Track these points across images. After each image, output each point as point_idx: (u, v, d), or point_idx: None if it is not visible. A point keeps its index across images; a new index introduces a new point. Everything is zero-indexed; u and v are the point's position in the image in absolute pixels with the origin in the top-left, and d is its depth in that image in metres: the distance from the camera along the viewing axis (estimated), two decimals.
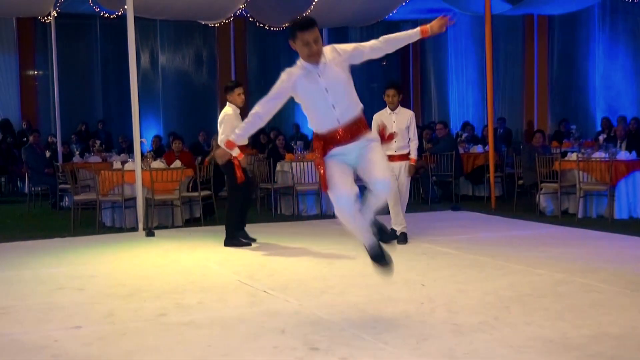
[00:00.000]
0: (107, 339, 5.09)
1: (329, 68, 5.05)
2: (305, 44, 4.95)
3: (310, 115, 5.21)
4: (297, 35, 4.97)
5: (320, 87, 5.02)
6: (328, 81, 5.03)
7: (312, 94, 5.07)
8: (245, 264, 7.85)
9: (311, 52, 4.96)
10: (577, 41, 18.28)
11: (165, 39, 20.44)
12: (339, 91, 5.08)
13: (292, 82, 5.08)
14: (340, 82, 5.10)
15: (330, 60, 5.07)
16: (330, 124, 5.08)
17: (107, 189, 10.84)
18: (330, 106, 5.05)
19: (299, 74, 5.07)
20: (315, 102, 5.09)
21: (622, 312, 5.47)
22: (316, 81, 5.02)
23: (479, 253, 8.11)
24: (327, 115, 5.08)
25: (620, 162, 10.66)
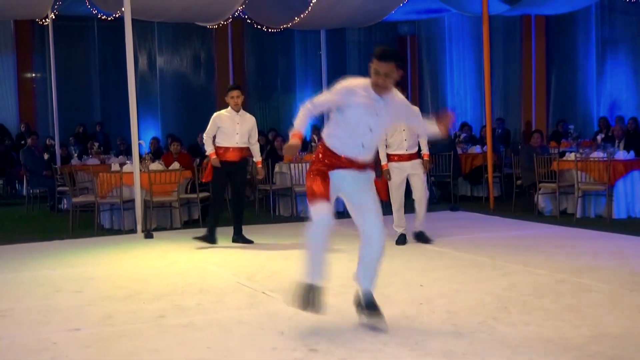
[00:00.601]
0: (106, 341, 5.08)
1: (389, 110, 5.07)
2: (375, 72, 4.96)
3: (338, 133, 5.12)
4: (374, 62, 4.97)
5: (368, 124, 5.02)
6: (377, 123, 5.05)
7: (357, 122, 5.02)
8: (244, 265, 7.85)
9: (377, 82, 4.96)
10: (575, 41, 18.28)
11: (163, 41, 20.43)
12: (376, 136, 5.15)
13: (353, 95, 5.01)
14: (383, 129, 5.23)
15: (393, 102, 5.09)
16: (349, 153, 5.08)
17: (106, 191, 10.84)
18: (361, 144, 5.06)
19: (361, 94, 5.01)
20: (353, 130, 5.04)
21: (621, 312, 5.48)
22: (371, 115, 5.01)
23: (477, 253, 8.11)
24: (353, 146, 5.07)
25: (618, 161, 10.67)
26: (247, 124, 9.23)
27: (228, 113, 9.16)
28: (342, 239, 9.51)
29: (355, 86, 5.05)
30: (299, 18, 15.05)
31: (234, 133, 9.12)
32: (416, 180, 8.70)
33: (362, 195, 5.13)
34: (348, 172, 5.10)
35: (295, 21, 15.31)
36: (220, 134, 9.14)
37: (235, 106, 9.14)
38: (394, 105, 5.10)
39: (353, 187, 5.13)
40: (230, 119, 9.13)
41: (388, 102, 5.05)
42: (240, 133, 9.15)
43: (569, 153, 11.71)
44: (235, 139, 9.13)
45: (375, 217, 5.10)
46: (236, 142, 9.14)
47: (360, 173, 5.14)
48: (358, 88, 5.04)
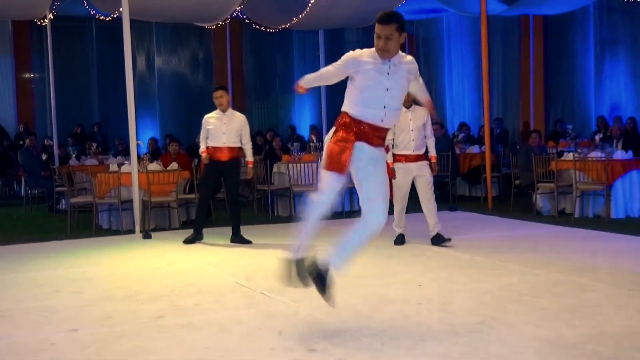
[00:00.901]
0: (105, 341, 5.09)
1: (401, 71, 5.08)
2: (377, 36, 4.98)
3: (357, 99, 5.07)
4: (375, 26, 5.01)
5: (383, 84, 5.02)
6: (393, 82, 5.04)
7: (372, 84, 5.02)
8: (242, 265, 7.85)
9: (379, 45, 4.97)
10: (573, 41, 18.30)
11: (161, 41, 20.44)
12: (397, 97, 5.12)
13: (359, 63, 5.04)
14: (402, 88, 5.15)
15: (403, 64, 5.11)
16: (373, 119, 5.04)
17: (104, 191, 10.84)
18: (382, 105, 5.04)
19: (368, 61, 5.04)
20: (371, 93, 5.03)
21: (619, 312, 5.48)
22: (384, 76, 5.02)
23: (475, 253, 8.12)
24: (375, 110, 5.04)
25: (616, 161, 10.68)
26: (235, 123, 9.28)
27: (216, 114, 9.31)
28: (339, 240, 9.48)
29: (360, 54, 5.09)
30: (297, 18, 15.06)
31: (220, 133, 9.21)
32: (422, 182, 8.58)
33: (374, 176, 5.08)
34: (368, 149, 5.04)
35: (294, 21, 15.32)
36: (210, 135, 9.26)
37: (220, 106, 9.26)
38: (402, 67, 5.09)
39: (367, 165, 5.07)
40: (217, 120, 9.26)
41: (396, 65, 5.05)
42: (227, 133, 9.21)
43: (567, 153, 11.72)
44: (222, 139, 9.21)
45: (382, 202, 5.05)
46: (223, 142, 9.21)
47: (377, 151, 5.10)
48: (363, 55, 5.07)
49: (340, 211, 12.03)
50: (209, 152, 9.27)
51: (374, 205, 5.03)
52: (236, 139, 9.30)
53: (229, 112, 9.32)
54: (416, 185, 8.68)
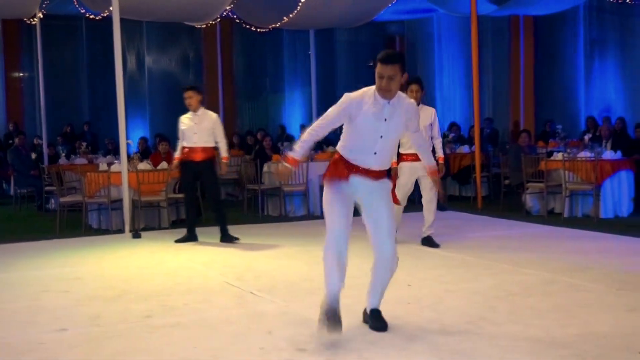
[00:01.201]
0: (94, 341, 5.07)
1: (398, 115, 4.98)
2: (379, 76, 4.89)
3: (350, 143, 5.04)
4: (377, 65, 4.91)
5: (379, 129, 4.94)
6: (388, 128, 4.97)
7: (366, 130, 4.95)
8: (231, 265, 7.84)
9: (381, 86, 4.88)
10: (563, 41, 18.35)
11: (151, 40, 20.37)
12: (388, 143, 5.06)
13: (360, 105, 4.93)
14: (396, 135, 5.10)
15: (402, 107, 5.01)
16: (362, 163, 5.01)
17: (94, 190, 10.81)
18: (373, 152, 4.99)
19: (368, 100, 4.94)
20: (363, 139, 4.98)
21: (609, 311, 5.50)
22: (379, 120, 4.93)
23: (465, 253, 8.13)
24: (365, 155, 4.99)
25: (605, 161, 10.72)
26: (205, 122, 9.25)
27: (189, 114, 9.34)
28: None
29: (361, 95, 4.99)
30: (288, 18, 15.04)
31: (192, 133, 9.22)
32: (426, 182, 8.48)
33: (378, 207, 5.03)
34: (365, 180, 5.02)
35: (284, 21, 15.31)
36: (184, 136, 9.30)
37: (190, 107, 9.28)
38: (401, 109, 5.00)
39: (369, 196, 5.04)
40: (189, 120, 9.30)
41: (395, 106, 4.96)
42: (198, 133, 9.19)
43: (557, 153, 11.76)
44: (193, 139, 9.21)
45: (388, 237, 5.03)
46: (194, 142, 9.21)
47: (376, 182, 5.06)
48: (364, 96, 4.98)
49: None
50: (184, 153, 9.29)
51: (379, 244, 5.03)
52: (209, 138, 9.27)
53: (200, 111, 9.28)
54: (420, 185, 8.64)
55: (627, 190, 10.86)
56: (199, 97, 9.34)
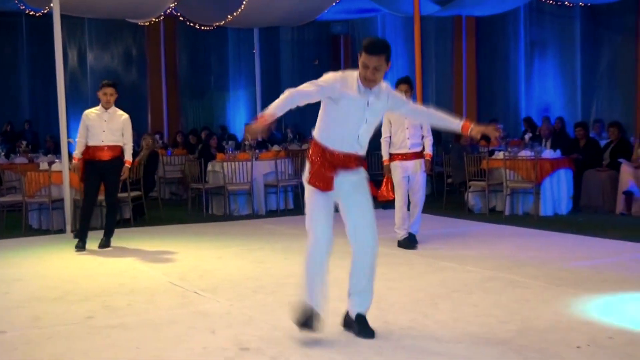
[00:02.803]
0: (33, 343, 4.99)
1: (379, 102, 4.91)
2: (364, 66, 4.78)
3: (331, 127, 4.91)
4: (362, 54, 4.80)
5: (362, 116, 4.86)
6: (371, 114, 4.89)
7: (351, 114, 4.85)
8: (175, 265, 7.79)
9: (366, 76, 4.78)
10: (504, 42, 18.61)
11: (93, 37, 20.07)
12: (371, 128, 4.98)
13: (344, 87, 4.82)
14: (377, 120, 5.02)
15: (383, 94, 4.92)
16: (344, 148, 4.89)
17: (34, 190, 10.62)
18: (357, 136, 4.89)
19: (352, 83, 4.84)
20: (348, 124, 4.87)
21: (547, 307, 5.61)
22: (363, 107, 4.85)
23: (409, 251, 8.22)
24: (348, 141, 4.89)
25: (545, 160, 10.91)
26: (116, 122, 8.85)
27: (97, 111, 8.86)
28: (273, 238, 9.55)
29: (346, 77, 4.88)
30: (232, 16, 14.99)
31: (100, 131, 8.76)
32: (415, 180, 8.56)
33: (357, 199, 4.93)
34: (347, 176, 4.90)
35: (229, 19, 15.25)
36: (89, 133, 8.79)
37: (107, 104, 8.80)
38: (384, 97, 4.94)
39: (351, 191, 4.93)
40: (98, 117, 8.81)
41: (378, 95, 4.89)
42: (107, 131, 8.76)
43: (498, 152, 11.93)
44: (101, 137, 8.75)
45: (370, 229, 4.91)
46: (102, 140, 8.75)
47: (356, 176, 4.95)
48: (347, 83, 4.86)
49: (274, 209, 12.03)
50: (88, 153, 8.77)
51: (361, 235, 4.90)
52: (117, 137, 8.84)
53: (111, 109, 8.87)
54: (409, 183, 8.62)
55: (566, 188, 11.07)
56: (116, 95, 8.93)
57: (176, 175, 14.84)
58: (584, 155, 11.83)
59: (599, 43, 16.38)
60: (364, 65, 4.78)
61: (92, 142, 8.78)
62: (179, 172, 14.70)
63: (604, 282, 6.44)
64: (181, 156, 15.18)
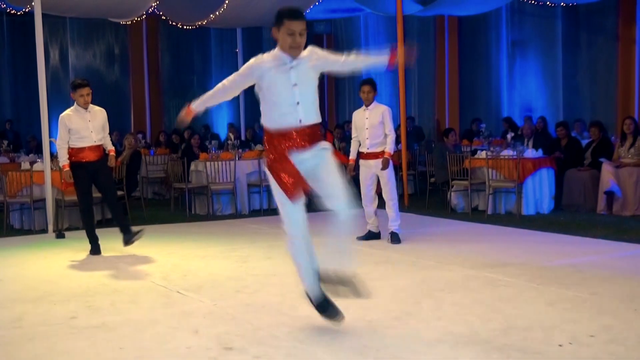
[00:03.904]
0: (15, 344, 4.96)
1: (303, 65, 4.88)
2: (290, 33, 4.76)
3: (271, 108, 4.90)
4: (284, 23, 4.78)
5: (290, 81, 4.83)
6: (299, 77, 4.85)
7: (278, 86, 4.83)
8: (158, 265, 7.77)
9: (294, 43, 4.77)
10: (486, 42, 18.70)
11: (75, 36, 19.96)
12: (307, 90, 4.90)
13: (261, 68, 4.85)
14: (311, 81, 4.94)
15: (305, 57, 4.90)
16: (290, 121, 4.84)
17: (15, 190, 10.55)
18: (295, 102, 4.83)
19: (271, 63, 4.85)
20: (280, 95, 4.84)
21: (529, 305, 5.64)
22: (287, 74, 4.83)
23: (392, 250, 8.24)
24: (289, 111, 4.84)
25: (527, 159, 10.97)
26: (98, 118, 8.66)
27: (76, 112, 8.62)
28: (256, 238, 9.55)
29: (261, 59, 4.90)
30: (214, 15, 14.96)
31: (88, 132, 8.55)
32: (381, 179, 8.73)
33: (322, 172, 4.89)
34: (305, 157, 4.85)
35: (211, 19, 15.21)
36: (73, 136, 8.54)
37: (85, 104, 8.57)
38: (306, 59, 4.91)
39: (314, 169, 4.88)
40: (80, 118, 8.57)
41: (300, 60, 4.87)
42: (94, 130, 8.59)
43: (481, 151, 11.98)
44: (92, 137, 8.55)
45: (341, 194, 4.83)
46: (94, 141, 8.57)
47: (315, 151, 4.89)
48: (265, 58, 4.89)
49: (258, 209, 12.02)
50: (75, 155, 8.53)
51: (335, 200, 4.83)
52: (102, 134, 8.70)
53: (89, 108, 8.65)
54: (381, 182, 8.81)
55: (548, 187, 11.13)
56: (91, 92, 8.71)
57: (159, 175, 14.80)
58: (566, 154, 11.90)
59: (580, 43, 16.48)
60: (289, 33, 4.78)
61: (81, 143, 8.53)
62: (162, 172, 14.66)
63: (585, 280, 6.48)
64: (164, 156, 15.13)
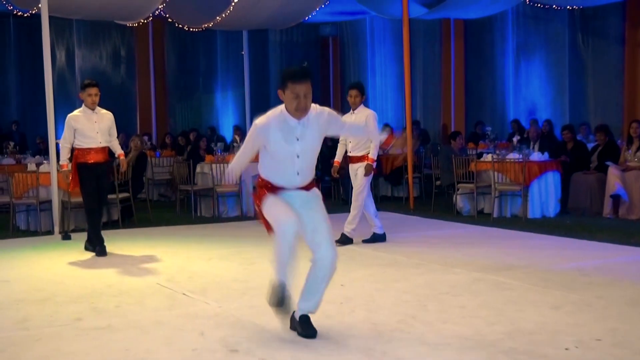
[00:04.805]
0: (21, 345, 4.97)
1: (310, 131, 4.84)
2: (295, 96, 4.72)
3: (270, 168, 4.96)
4: (288, 85, 4.73)
5: (294, 151, 4.82)
6: (303, 147, 4.84)
7: (282, 155, 4.85)
8: (164, 266, 7.77)
9: (299, 106, 4.73)
10: (492, 45, 18.68)
11: (81, 37, 20.00)
12: (308, 159, 4.92)
13: (268, 130, 4.81)
14: (314, 150, 4.94)
15: (313, 120, 4.86)
16: (287, 183, 4.93)
17: (22, 191, 10.57)
18: (295, 172, 4.88)
19: (277, 126, 4.80)
20: (281, 162, 4.88)
21: (534, 308, 5.64)
22: (292, 144, 4.81)
23: (397, 252, 8.23)
24: (288, 177, 4.91)
25: (533, 163, 10.96)
26: (105, 121, 8.70)
27: (83, 112, 8.63)
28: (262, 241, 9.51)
29: (267, 122, 4.83)
30: (220, 18, 14.97)
31: (94, 133, 8.57)
32: (355, 179, 8.75)
33: (313, 214, 4.92)
34: (295, 193, 4.93)
35: (217, 21, 15.23)
36: (79, 136, 8.55)
37: (93, 104, 8.59)
38: (315, 123, 4.88)
39: (303, 207, 4.92)
40: (87, 119, 8.58)
41: (307, 124, 4.84)
42: (100, 131, 8.62)
43: (486, 154, 11.96)
44: (98, 138, 8.57)
45: (329, 240, 4.88)
46: (99, 142, 8.59)
47: (306, 193, 4.98)
48: (272, 121, 4.83)
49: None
50: (83, 156, 8.54)
51: (318, 246, 4.86)
52: (108, 137, 8.73)
53: (96, 109, 8.68)
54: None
55: (553, 191, 11.12)
56: (100, 94, 8.72)
57: (165, 177, 14.82)
58: (572, 158, 11.88)
59: (586, 46, 16.46)
60: (294, 96, 4.73)
61: (86, 144, 8.55)
62: (168, 174, 14.67)
63: (591, 284, 6.47)
64: (170, 158, 15.15)
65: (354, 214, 8.80)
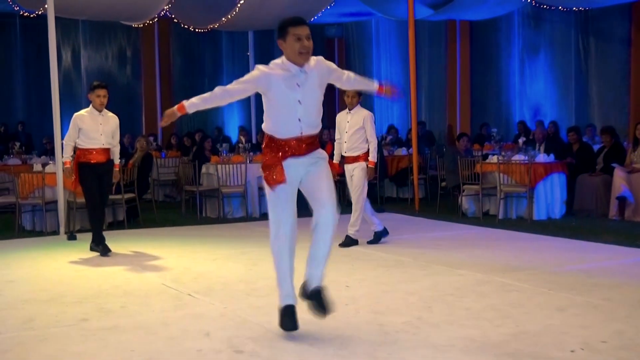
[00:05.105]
0: (27, 344, 4.98)
1: (311, 79, 4.90)
2: (297, 39, 4.79)
3: (272, 118, 4.97)
4: (289, 31, 4.81)
5: (295, 97, 4.86)
6: (304, 94, 4.88)
7: (283, 101, 4.87)
8: (169, 267, 7.78)
9: (303, 47, 4.79)
10: (497, 46, 18.66)
11: (87, 38, 20.05)
12: (311, 107, 4.94)
13: (269, 79, 4.86)
14: (315, 98, 4.96)
15: (313, 69, 4.92)
16: (291, 133, 4.91)
17: (27, 191, 10.59)
18: (297, 119, 4.89)
19: (279, 73, 4.86)
20: (283, 109, 4.90)
21: (540, 310, 5.63)
22: (293, 89, 4.85)
23: (402, 254, 8.23)
24: (291, 124, 4.90)
25: (539, 164, 10.94)
26: (110, 123, 8.75)
27: (89, 113, 8.68)
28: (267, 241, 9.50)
29: (270, 67, 4.90)
30: (226, 19, 14.99)
31: (98, 134, 8.62)
32: (352, 181, 8.72)
33: (313, 177, 4.96)
34: (300, 162, 4.93)
35: (222, 22, 15.25)
36: (83, 136, 8.59)
37: (101, 105, 8.64)
38: (316, 71, 4.94)
39: (307, 176, 4.96)
40: (92, 119, 8.63)
41: (308, 73, 4.89)
42: (104, 133, 8.66)
43: (492, 156, 11.95)
44: (101, 140, 8.62)
45: (327, 200, 4.90)
46: (102, 144, 8.63)
47: (312, 159, 4.97)
48: (273, 67, 4.90)
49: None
50: (85, 155, 8.58)
51: (319, 206, 4.91)
52: (111, 140, 8.76)
53: (103, 111, 8.74)
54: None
55: (559, 192, 11.11)
56: (108, 96, 8.77)
57: (170, 178, 14.83)
58: (577, 159, 11.86)
59: (592, 48, 16.43)
60: (296, 39, 4.81)
61: (89, 145, 8.60)
62: (173, 175, 14.69)
63: (597, 286, 6.46)
64: (175, 158, 15.16)
65: (356, 216, 8.78)
